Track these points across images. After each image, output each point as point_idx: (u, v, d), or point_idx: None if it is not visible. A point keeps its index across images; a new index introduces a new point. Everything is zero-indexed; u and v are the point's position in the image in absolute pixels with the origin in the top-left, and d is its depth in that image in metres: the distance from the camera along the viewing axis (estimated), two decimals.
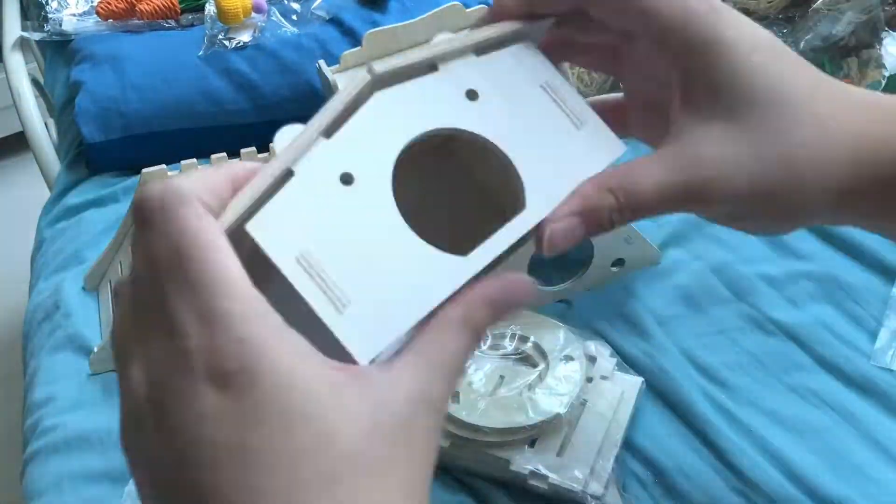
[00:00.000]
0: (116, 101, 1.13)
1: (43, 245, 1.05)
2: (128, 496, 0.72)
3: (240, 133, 1.11)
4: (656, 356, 0.80)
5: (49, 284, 0.96)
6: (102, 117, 1.13)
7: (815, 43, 1.12)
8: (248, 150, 0.93)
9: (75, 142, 1.19)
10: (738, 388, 0.77)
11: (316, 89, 1.12)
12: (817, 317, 0.82)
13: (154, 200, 0.34)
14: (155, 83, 1.14)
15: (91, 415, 0.80)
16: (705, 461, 0.71)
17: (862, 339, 0.80)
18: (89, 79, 1.17)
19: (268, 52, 1.16)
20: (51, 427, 0.79)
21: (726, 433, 0.72)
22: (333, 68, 1.07)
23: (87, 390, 0.83)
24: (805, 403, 0.75)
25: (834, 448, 0.71)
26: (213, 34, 1.19)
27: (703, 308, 0.85)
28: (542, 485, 0.68)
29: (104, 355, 0.84)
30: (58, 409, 0.81)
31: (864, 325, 0.82)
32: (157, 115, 1.13)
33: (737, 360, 0.79)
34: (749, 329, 0.82)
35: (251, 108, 1.14)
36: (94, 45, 1.23)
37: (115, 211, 1.05)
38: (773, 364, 0.79)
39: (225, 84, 1.14)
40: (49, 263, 1.00)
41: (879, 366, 0.77)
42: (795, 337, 0.80)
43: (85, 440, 0.77)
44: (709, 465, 0.71)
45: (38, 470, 0.76)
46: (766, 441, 0.72)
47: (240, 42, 1.18)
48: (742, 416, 0.74)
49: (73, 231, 1.05)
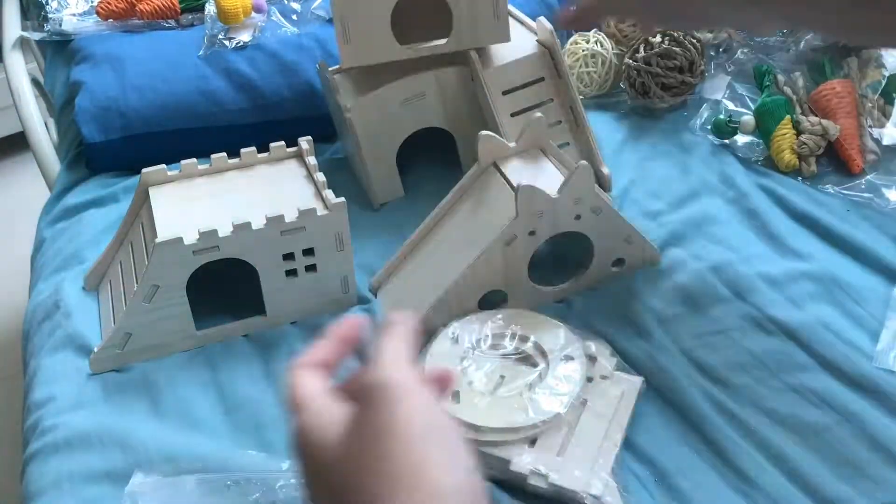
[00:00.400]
0: (116, 100, 1.13)
1: (43, 245, 1.05)
2: (128, 496, 0.72)
3: (240, 133, 1.12)
4: (656, 356, 0.80)
5: (49, 284, 0.96)
6: (102, 117, 1.12)
7: (815, 43, 1.12)
8: (248, 150, 0.93)
9: (75, 142, 1.19)
10: (738, 388, 0.77)
11: (316, 89, 1.12)
12: (818, 316, 0.82)
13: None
14: (155, 83, 1.14)
15: (91, 415, 0.80)
16: (706, 461, 0.71)
17: (862, 339, 0.80)
18: (89, 79, 1.17)
19: (268, 52, 1.16)
20: (51, 427, 0.79)
21: (727, 432, 0.73)
22: (333, 69, 1.07)
23: (87, 390, 0.83)
24: (806, 403, 0.75)
25: (834, 448, 0.71)
26: (213, 34, 1.19)
27: (703, 308, 0.85)
28: (542, 484, 0.68)
29: (104, 355, 0.84)
30: (58, 408, 0.81)
31: (864, 325, 0.82)
32: (156, 114, 1.13)
33: (737, 360, 0.79)
34: (749, 329, 0.82)
35: (251, 107, 1.14)
36: (93, 45, 1.22)
37: (116, 211, 1.04)
38: (773, 364, 0.79)
39: (225, 84, 1.14)
40: (49, 263, 1.00)
41: (882, 367, 0.77)
42: (796, 337, 0.81)
43: (85, 440, 0.77)
44: (709, 464, 0.71)
45: (38, 470, 0.76)
46: (767, 440, 0.72)
47: (240, 42, 1.17)
48: (743, 415, 0.74)
49: (73, 231, 1.04)
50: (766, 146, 1.01)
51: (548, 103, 1.02)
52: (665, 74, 1.08)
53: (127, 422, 0.78)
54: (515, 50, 1.02)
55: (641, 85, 1.09)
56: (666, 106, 1.10)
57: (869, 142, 0.97)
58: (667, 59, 1.08)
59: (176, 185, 0.90)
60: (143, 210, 0.89)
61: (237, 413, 0.80)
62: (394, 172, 1.04)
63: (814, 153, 0.98)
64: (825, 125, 0.98)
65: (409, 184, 1.06)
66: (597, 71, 1.14)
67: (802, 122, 0.99)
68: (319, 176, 0.88)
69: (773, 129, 1.00)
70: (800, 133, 0.99)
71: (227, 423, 0.79)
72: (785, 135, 0.99)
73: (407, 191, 1.05)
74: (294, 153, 0.94)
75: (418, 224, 1.00)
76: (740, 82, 1.11)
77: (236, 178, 0.91)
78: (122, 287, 0.88)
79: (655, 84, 1.08)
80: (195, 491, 0.72)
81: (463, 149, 1.06)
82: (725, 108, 1.07)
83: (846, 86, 1.01)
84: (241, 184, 0.90)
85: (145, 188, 0.89)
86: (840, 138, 0.97)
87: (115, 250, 0.93)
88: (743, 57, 1.13)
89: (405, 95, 1.00)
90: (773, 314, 0.83)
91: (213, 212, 0.86)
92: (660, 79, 1.08)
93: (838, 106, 0.99)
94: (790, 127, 0.99)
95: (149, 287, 0.81)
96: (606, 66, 1.14)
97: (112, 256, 0.93)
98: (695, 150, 1.04)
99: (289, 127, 1.08)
